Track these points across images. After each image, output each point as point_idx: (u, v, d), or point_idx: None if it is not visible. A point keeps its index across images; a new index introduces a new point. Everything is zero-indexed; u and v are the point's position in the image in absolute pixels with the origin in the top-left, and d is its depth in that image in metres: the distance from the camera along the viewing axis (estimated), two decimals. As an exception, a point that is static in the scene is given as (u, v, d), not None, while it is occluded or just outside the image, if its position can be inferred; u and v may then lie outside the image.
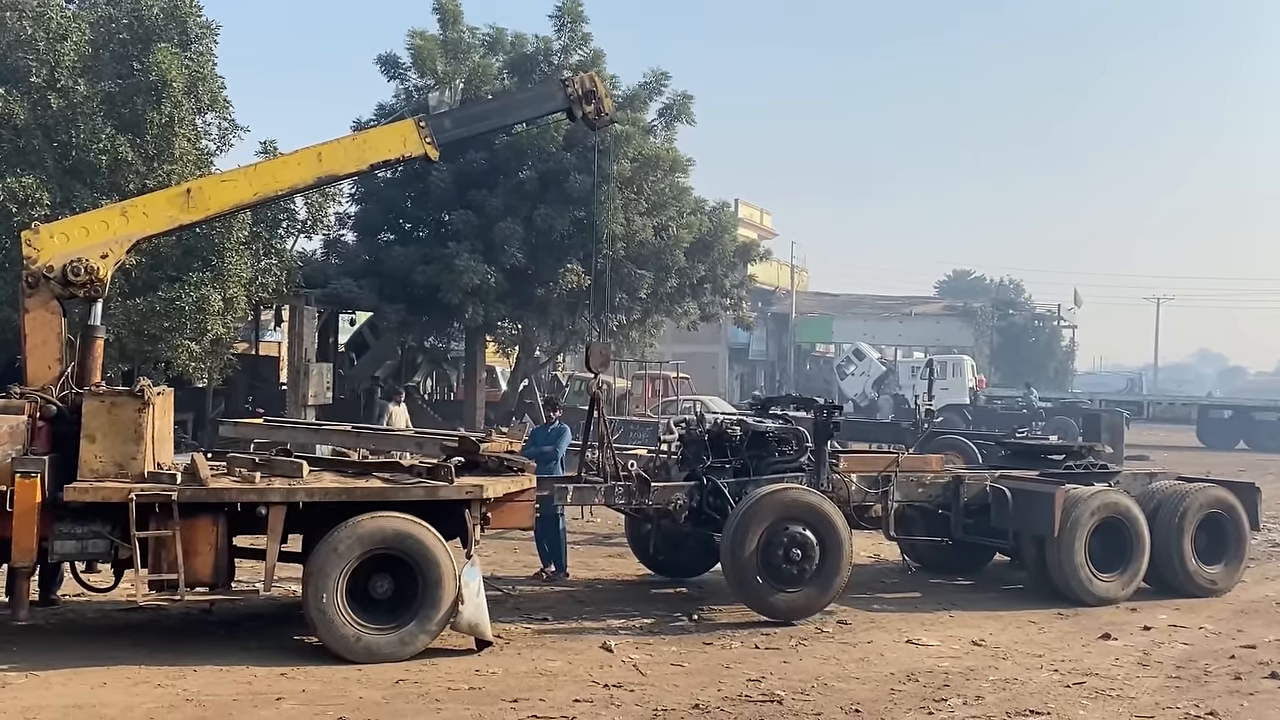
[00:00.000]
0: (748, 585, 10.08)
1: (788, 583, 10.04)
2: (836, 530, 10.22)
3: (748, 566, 10.01)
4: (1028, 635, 9.95)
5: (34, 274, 8.76)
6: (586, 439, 11.41)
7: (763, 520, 10.07)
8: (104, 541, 8.25)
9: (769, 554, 9.99)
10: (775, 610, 10.15)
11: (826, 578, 10.13)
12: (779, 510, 10.15)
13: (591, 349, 11.12)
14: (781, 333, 60.90)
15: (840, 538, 10.21)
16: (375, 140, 10.32)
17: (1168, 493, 11.96)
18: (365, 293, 24.01)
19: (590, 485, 10.87)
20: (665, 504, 10.86)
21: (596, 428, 11.11)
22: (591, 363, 11.01)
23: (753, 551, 9.99)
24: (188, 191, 9.63)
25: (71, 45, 18.48)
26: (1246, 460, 30.63)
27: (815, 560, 10.06)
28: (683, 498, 10.88)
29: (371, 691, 7.70)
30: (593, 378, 11.29)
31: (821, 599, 10.20)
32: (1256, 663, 9.09)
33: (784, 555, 9.98)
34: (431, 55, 25.25)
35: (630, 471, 10.89)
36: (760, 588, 10.03)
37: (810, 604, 10.18)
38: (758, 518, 10.07)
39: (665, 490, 10.92)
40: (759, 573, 10.00)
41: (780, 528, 10.05)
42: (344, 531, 8.40)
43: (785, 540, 10.00)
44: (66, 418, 8.34)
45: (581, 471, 11.15)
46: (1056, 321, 62.64)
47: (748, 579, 10.05)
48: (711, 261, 27.39)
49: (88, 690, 7.52)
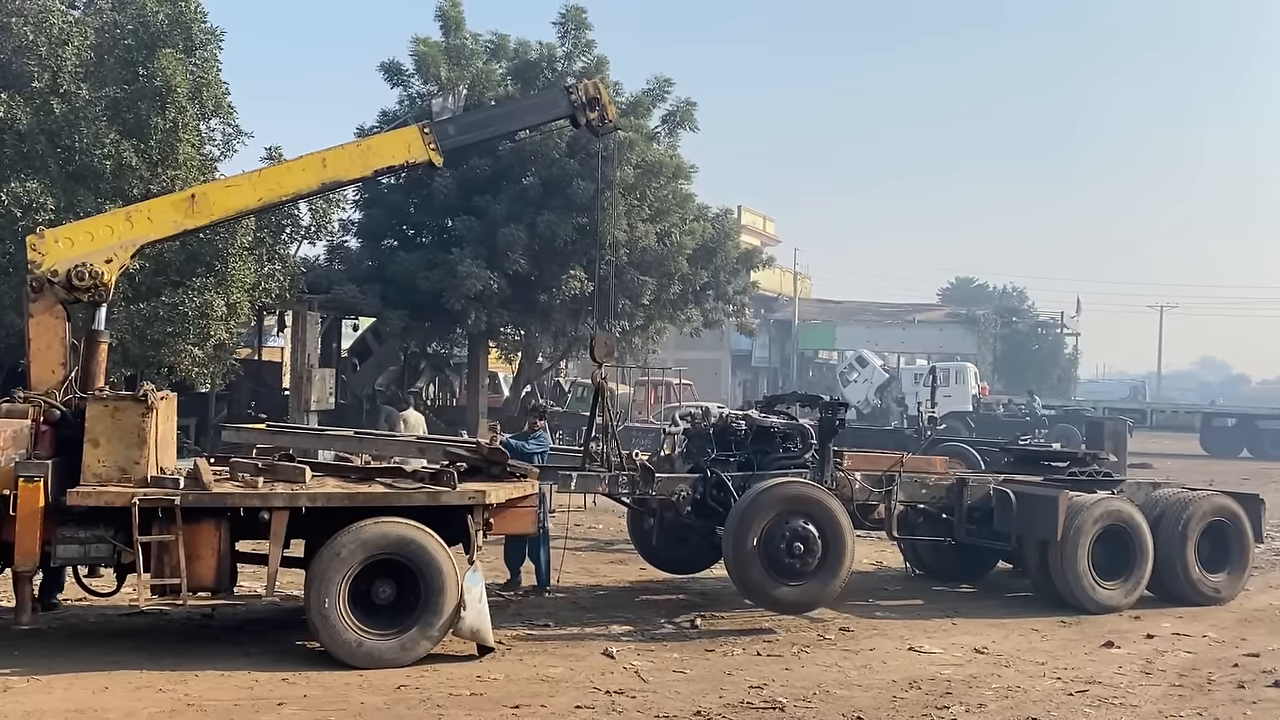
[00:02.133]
0: (750, 578, 10.05)
1: (790, 576, 10.00)
2: (839, 525, 10.18)
3: (750, 559, 9.96)
4: (1030, 643, 9.93)
5: (39, 279, 8.77)
6: (590, 430, 11.36)
7: (766, 513, 10.03)
8: (107, 546, 8.24)
9: (771, 547, 9.96)
10: (777, 603, 10.13)
11: (829, 572, 10.08)
12: (782, 503, 10.12)
13: (596, 340, 11.11)
14: (784, 339, 60.93)
15: (843, 532, 10.17)
16: (379, 146, 10.34)
17: (1171, 500, 11.92)
18: (368, 298, 24.03)
19: (594, 474, 10.84)
20: (668, 495, 10.83)
21: (600, 418, 11.05)
22: (596, 353, 10.99)
23: (755, 544, 9.95)
24: (192, 197, 9.64)
25: (73, 50, 18.51)
26: (1250, 468, 30.57)
27: (818, 554, 10.02)
28: (686, 489, 10.85)
29: (373, 697, 7.69)
30: (596, 368, 11.25)
31: (824, 593, 10.16)
32: (1260, 671, 9.06)
33: (786, 549, 9.94)
34: (435, 62, 25.30)
35: (634, 462, 10.87)
36: (763, 581, 9.99)
37: (813, 598, 10.15)
38: (761, 511, 10.04)
39: (669, 481, 10.90)
40: (761, 566, 9.96)
41: (783, 521, 10.02)
42: (347, 536, 8.40)
43: (788, 534, 9.97)
44: (70, 422, 8.35)
45: (585, 462, 11.12)
46: (1059, 329, 62.66)
47: (750, 572, 10.01)
48: (714, 268, 27.41)
49: (89, 695, 7.52)
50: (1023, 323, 62.89)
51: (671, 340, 32.09)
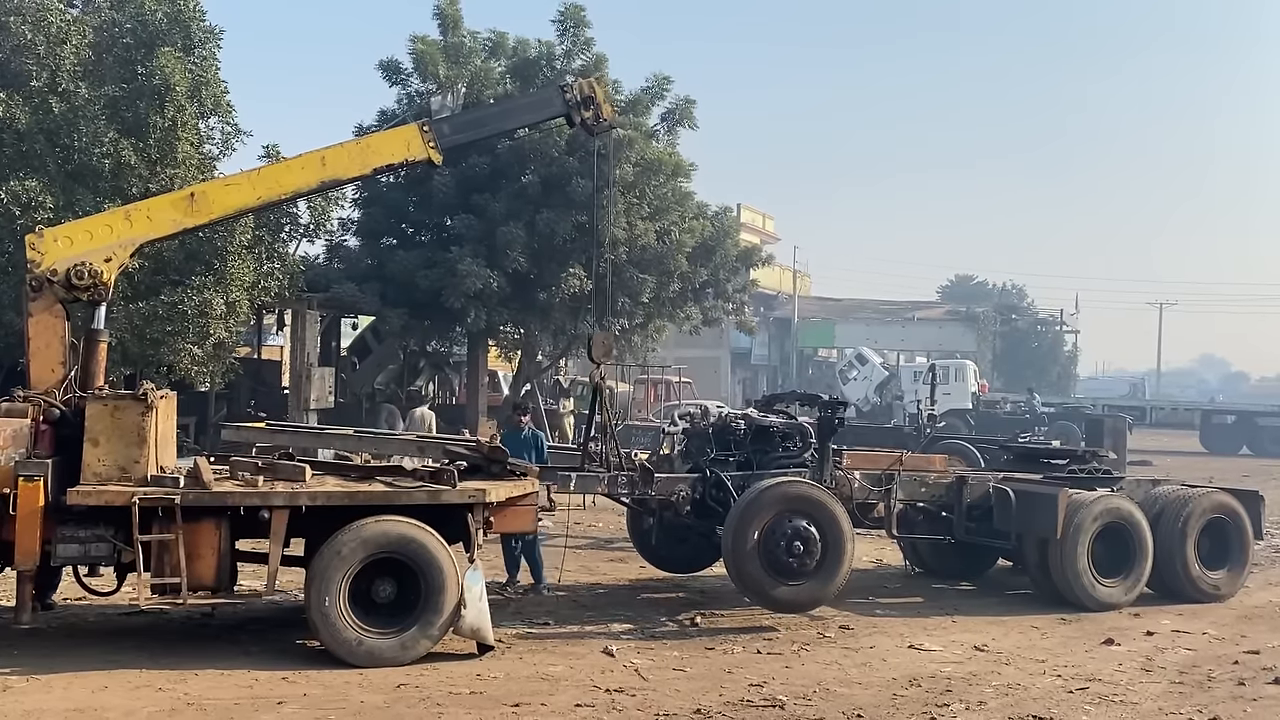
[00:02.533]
0: (749, 577, 10.04)
1: (789, 575, 10.00)
2: (839, 524, 10.17)
3: (749, 558, 9.96)
4: (1030, 640, 9.93)
5: (38, 278, 8.77)
6: (589, 430, 11.35)
7: (765, 512, 10.03)
8: (107, 545, 8.24)
9: (770, 546, 9.96)
10: (776, 603, 10.13)
11: (828, 571, 10.08)
12: (781, 503, 10.12)
13: (594, 339, 11.09)
14: (784, 337, 60.93)
15: (842, 532, 10.17)
16: (379, 144, 10.33)
17: (1170, 498, 11.92)
18: (368, 297, 24.02)
19: (593, 475, 10.83)
20: (668, 495, 10.83)
21: (599, 418, 11.03)
22: (594, 353, 10.98)
23: (754, 544, 9.95)
24: (191, 195, 9.64)
25: (72, 49, 18.50)
26: (1250, 465, 30.59)
27: (817, 554, 10.02)
28: (685, 489, 10.85)
29: (373, 695, 7.69)
30: (594, 368, 11.21)
31: (823, 592, 10.16)
32: (1260, 668, 9.06)
33: (786, 548, 9.94)
34: (433, 60, 25.26)
35: (633, 461, 10.86)
36: (762, 580, 9.99)
37: (812, 597, 10.14)
38: (760, 510, 10.04)
39: (668, 481, 10.89)
40: (761, 565, 9.95)
41: (782, 520, 10.02)
42: (348, 535, 8.40)
43: (787, 533, 9.97)
44: (70, 421, 8.35)
45: (584, 462, 11.11)
46: (1059, 326, 62.66)
47: (749, 571, 10.00)
48: (714, 266, 27.39)
49: (89, 694, 7.51)
50: (1022, 320, 62.88)
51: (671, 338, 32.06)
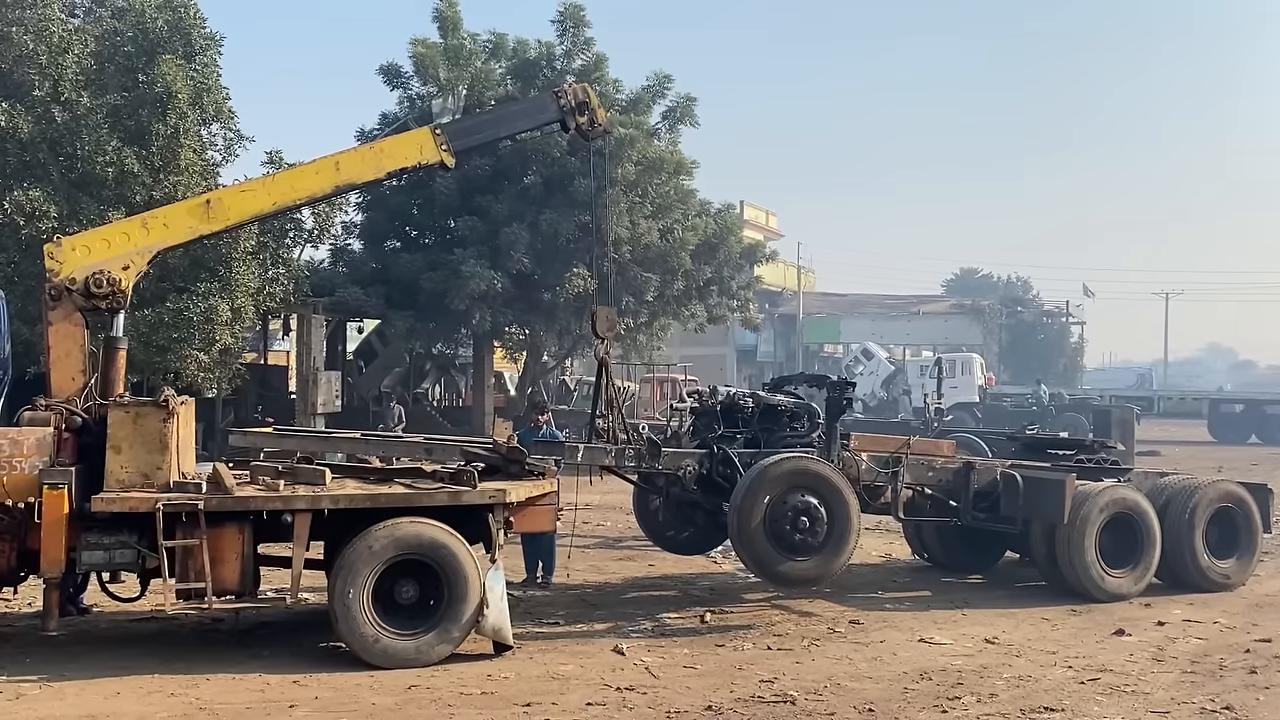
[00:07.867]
0: (756, 554, 10.01)
1: (796, 551, 9.97)
2: (845, 500, 10.13)
3: (755, 534, 9.93)
4: (1041, 632, 9.92)
5: (57, 287, 8.77)
6: (595, 405, 11.33)
7: (771, 488, 9.99)
8: (131, 551, 8.25)
9: (777, 522, 9.93)
10: (784, 579, 10.11)
11: (835, 547, 10.04)
12: (787, 479, 10.07)
13: (597, 313, 11.02)
14: (789, 333, 60.89)
15: (848, 508, 10.12)
16: (392, 148, 10.34)
17: (1178, 487, 11.90)
18: (373, 300, 24.07)
19: (600, 447, 10.77)
20: (675, 470, 10.78)
21: (605, 393, 11.01)
22: (597, 327, 10.94)
23: (761, 520, 9.92)
24: (207, 202, 9.64)
25: (74, 58, 18.56)
26: (1259, 454, 30.53)
27: (823, 529, 10.00)
28: (693, 464, 10.79)
29: (384, 697, 7.70)
30: (599, 343, 11.14)
31: (829, 568, 10.13)
32: (1272, 656, 9.04)
33: (792, 523, 9.92)
34: (434, 63, 25.30)
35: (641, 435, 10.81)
36: (768, 556, 9.96)
37: (818, 573, 10.12)
38: (766, 485, 9.99)
39: (675, 456, 10.83)
40: (767, 541, 9.93)
41: (788, 496, 9.99)
42: (381, 531, 8.41)
43: (793, 508, 9.94)
44: (91, 429, 8.38)
45: (591, 437, 11.09)
46: (1065, 318, 62.55)
47: (755, 547, 9.97)
48: (718, 263, 27.40)
49: (101, 700, 7.53)
50: (1028, 312, 62.79)
51: (676, 336, 32.11)
